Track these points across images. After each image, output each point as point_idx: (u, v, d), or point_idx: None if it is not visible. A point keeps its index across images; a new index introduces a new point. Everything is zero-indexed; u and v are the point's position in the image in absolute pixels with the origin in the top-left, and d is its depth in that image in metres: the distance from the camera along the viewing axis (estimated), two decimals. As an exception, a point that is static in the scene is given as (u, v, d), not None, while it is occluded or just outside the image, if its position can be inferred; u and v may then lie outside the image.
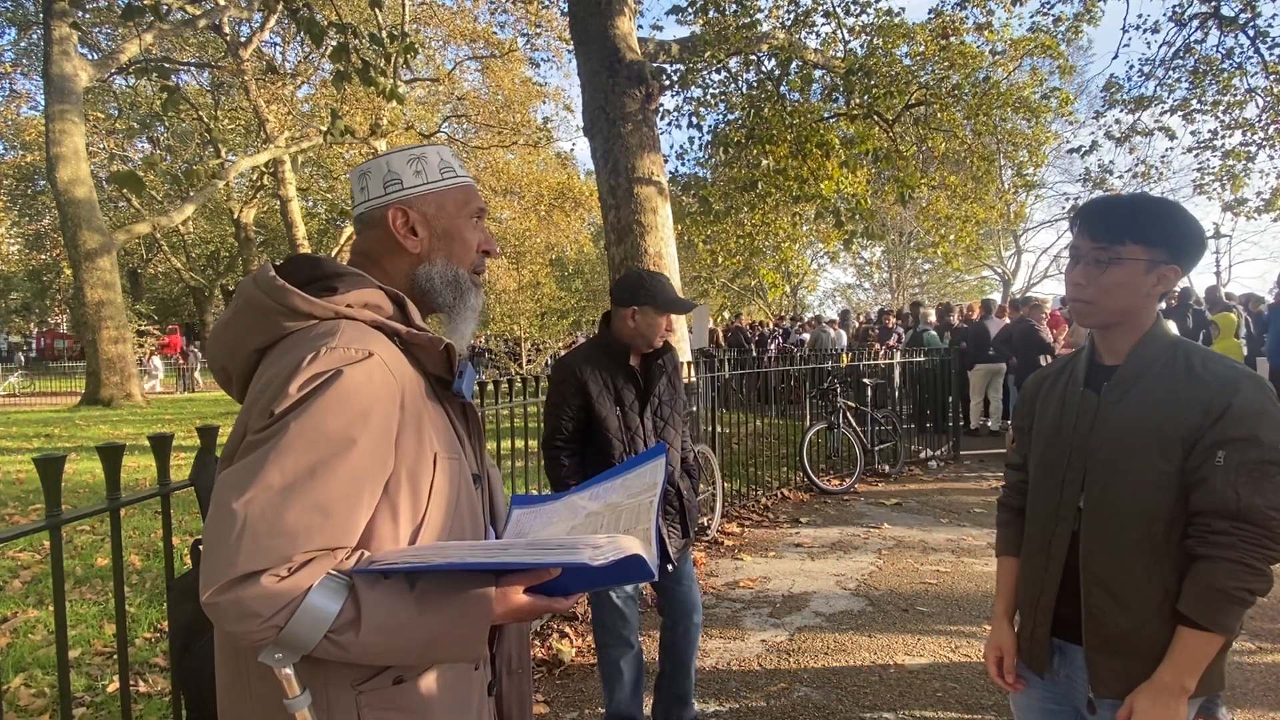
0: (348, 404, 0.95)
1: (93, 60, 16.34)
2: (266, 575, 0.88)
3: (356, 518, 0.95)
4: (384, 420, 0.98)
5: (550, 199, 22.21)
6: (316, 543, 0.91)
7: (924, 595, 4.31)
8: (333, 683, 0.99)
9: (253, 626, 0.88)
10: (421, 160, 1.17)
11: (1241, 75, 9.30)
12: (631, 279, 2.69)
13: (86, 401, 14.72)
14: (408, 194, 1.16)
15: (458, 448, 1.12)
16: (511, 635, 1.29)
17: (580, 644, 3.70)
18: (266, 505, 0.89)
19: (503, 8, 19.24)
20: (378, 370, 0.99)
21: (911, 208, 11.47)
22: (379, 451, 0.97)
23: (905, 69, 8.81)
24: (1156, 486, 1.35)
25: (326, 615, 0.89)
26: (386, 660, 0.97)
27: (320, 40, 4.59)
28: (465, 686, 1.12)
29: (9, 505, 5.95)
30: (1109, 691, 1.39)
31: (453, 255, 1.18)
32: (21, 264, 33.88)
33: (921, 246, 23.59)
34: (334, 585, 0.91)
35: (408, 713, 1.03)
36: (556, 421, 2.64)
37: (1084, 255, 1.41)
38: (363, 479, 0.95)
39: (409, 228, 1.16)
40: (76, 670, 3.21)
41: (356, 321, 1.03)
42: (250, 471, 0.91)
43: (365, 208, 1.18)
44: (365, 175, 1.18)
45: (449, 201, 1.18)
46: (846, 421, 7.50)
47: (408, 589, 0.94)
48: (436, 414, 1.09)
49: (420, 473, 1.03)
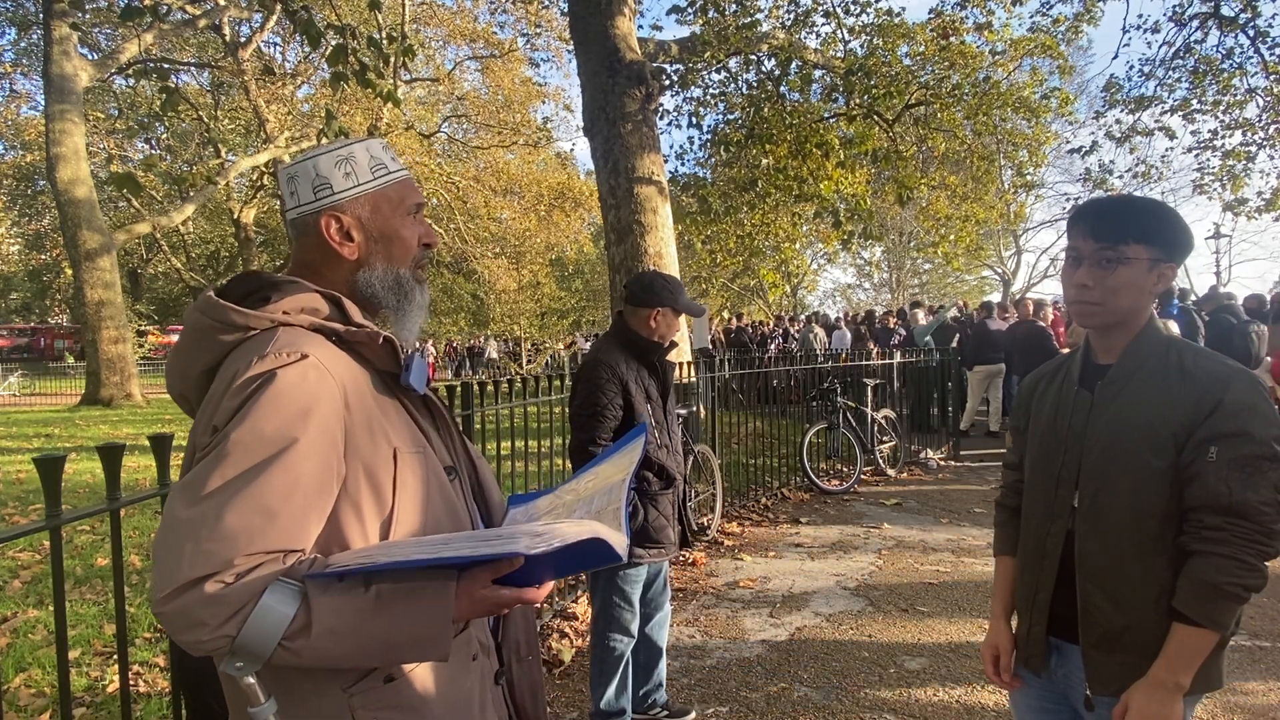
0: (282, 405, 0.94)
1: (93, 60, 16.36)
2: (210, 581, 0.86)
3: (304, 519, 0.94)
4: (324, 418, 0.97)
5: (550, 199, 22.21)
6: (259, 545, 0.89)
7: (924, 595, 4.31)
8: (324, 688, 0.99)
9: (202, 635, 0.87)
10: (350, 161, 1.13)
11: (1241, 75, 9.30)
12: (649, 280, 2.76)
13: (86, 401, 14.74)
14: (339, 198, 1.12)
15: (421, 441, 1.10)
16: (518, 623, 1.28)
17: (580, 644, 3.71)
18: (207, 511, 0.89)
19: (503, 8, 19.26)
20: (312, 370, 0.98)
21: (911, 208, 11.48)
22: (322, 449, 0.96)
23: (905, 69, 8.81)
24: (1150, 483, 1.35)
25: (280, 622, 0.87)
26: (344, 663, 0.95)
27: (318, 42, 4.59)
28: (464, 678, 1.11)
29: (9, 505, 5.95)
30: (1106, 689, 1.39)
31: (392, 257, 1.15)
32: (21, 264, 33.90)
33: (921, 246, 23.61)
34: (286, 590, 0.89)
35: (404, 711, 1.02)
36: (601, 422, 2.61)
37: (1087, 256, 1.41)
38: (306, 478, 0.94)
39: (344, 234, 1.13)
40: (76, 670, 3.21)
41: (293, 327, 1.03)
42: (193, 482, 0.91)
43: (296, 214, 1.14)
44: (293, 179, 1.13)
45: (384, 202, 1.15)
46: (846, 421, 7.50)
47: (362, 591, 0.92)
48: (393, 409, 1.08)
49: (379, 469, 1.02)
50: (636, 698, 2.98)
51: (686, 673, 3.41)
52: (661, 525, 2.73)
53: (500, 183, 22.13)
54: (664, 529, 2.75)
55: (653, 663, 2.99)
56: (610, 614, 2.76)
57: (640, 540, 2.69)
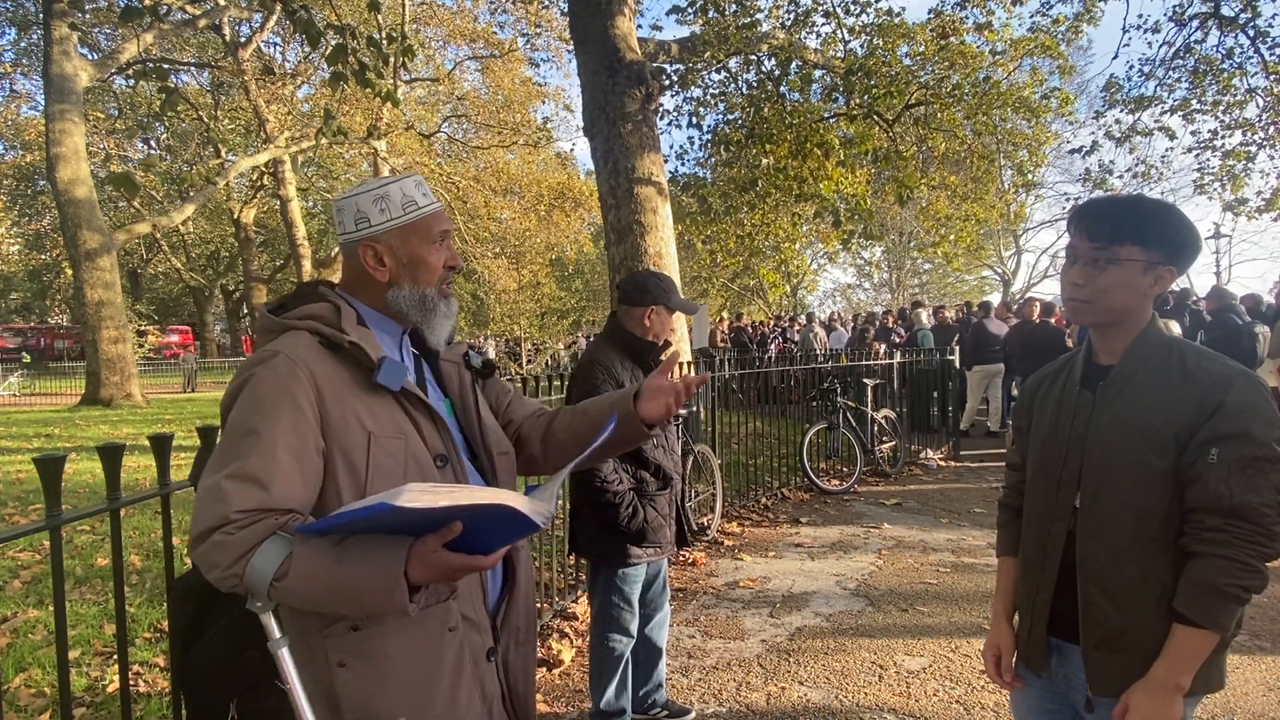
0: (256, 396, 1.20)
1: (93, 60, 16.35)
2: (218, 533, 1.12)
3: (285, 483, 1.15)
4: (294, 401, 1.19)
5: (550, 199, 22.20)
6: (249, 504, 1.12)
7: (924, 595, 4.31)
8: (308, 629, 1.22)
9: (218, 574, 1.13)
10: (385, 199, 1.34)
11: (1241, 75, 9.28)
12: (641, 279, 2.75)
13: (86, 401, 14.72)
14: (375, 231, 1.34)
15: (404, 429, 1.27)
16: (520, 607, 1.42)
17: (580, 644, 3.71)
18: (212, 482, 1.15)
19: (503, 8, 19.26)
20: (283, 364, 1.21)
21: (911, 208, 11.47)
22: (295, 425, 1.18)
23: (905, 69, 8.79)
24: (1151, 484, 1.35)
25: (270, 565, 1.10)
26: (318, 605, 1.16)
27: (318, 42, 4.59)
28: (435, 644, 1.25)
29: (9, 505, 5.95)
30: (1107, 689, 1.39)
31: (418, 279, 1.36)
32: (21, 264, 33.89)
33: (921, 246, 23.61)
34: (280, 541, 1.12)
35: (365, 659, 1.21)
36: None
37: (1081, 255, 1.41)
38: (280, 449, 1.16)
39: (378, 260, 1.35)
40: (76, 670, 3.21)
41: (296, 330, 1.28)
42: (210, 459, 1.20)
43: (343, 240, 1.37)
44: (341, 211, 1.36)
45: (412, 234, 1.35)
46: (846, 421, 7.50)
47: (332, 545, 1.11)
48: (380, 401, 1.26)
49: (353, 451, 1.22)
50: (636, 698, 2.98)
51: (686, 673, 3.41)
52: (659, 525, 2.72)
53: (500, 183, 22.11)
54: (661, 529, 2.74)
55: (652, 663, 2.99)
56: (609, 614, 2.75)
57: (637, 540, 2.68)
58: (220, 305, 39.77)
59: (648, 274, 2.79)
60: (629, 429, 1.45)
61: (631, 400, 1.47)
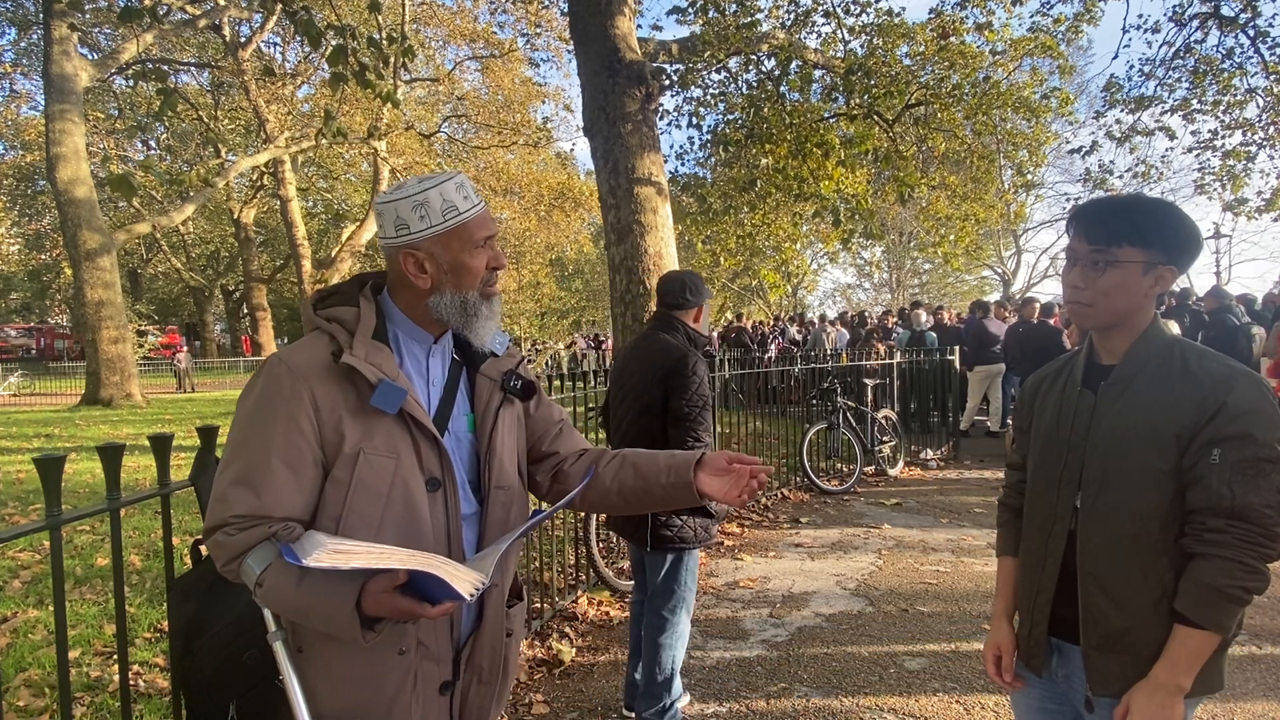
0: (253, 404, 1.24)
1: (93, 60, 16.35)
2: (220, 532, 1.20)
3: (277, 493, 1.19)
4: (289, 413, 1.21)
5: (550, 199, 22.22)
6: (240, 509, 1.18)
7: (924, 595, 4.31)
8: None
9: (221, 568, 1.23)
10: (425, 206, 1.29)
11: (1241, 75, 9.28)
12: (689, 281, 2.88)
13: (86, 401, 14.73)
14: (414, 238, 1.30)
15: (398, 449, 1.26)
16: (485, 647, 1.38)
17: (581, 644, 3.71)
18: (219, 483, 1.22)
19: (503, 8, 19.24)
20: (285, 375, 1.23)
21: (911, 208, 11.46)
22: (289, 436, 1.21)
23: (905, 69, 8.79)
24: (1152, 485, 1.35)
25: (255, 570, 1.18)
26: (284, 613, 1.24)
27: (318, 42, 4.59)
28: (380, 664, 1.26)
29: (9, 505, 5.95)
30: (1107, 690, 1.39)
31: (460, 284, 1.33)
32: (21, 264, 33.89)
33: (921, 246, 23.59)
34: (267, 549, 1.18)
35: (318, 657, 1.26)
36: (708, 413, 2.72)
37: (1081, 258, 1.41)
38: (275, 459, 1.19)
39: (419, 266, 1.31)
40: (76, 670, 3.21)
41: (318, 331, 1.30)
42: (221, 459, 1.25)
43: (384, 244, 1.35)
44: (381, 215, 1.33)
45: (454, 240, 1.31)
46: (846, 421, 7.50)
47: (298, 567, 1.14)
48: (376, 417, 1.25)
49: (340, 464, 1.23)
50: (632, 694, 2.98)
51: (686, 673, 3.40)
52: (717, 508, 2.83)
53: (500, 183, 22.12)
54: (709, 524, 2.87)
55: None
56: (684, 596, 2.84)
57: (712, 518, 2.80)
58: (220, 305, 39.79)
59: (687, 274, 2.91)
60: (680, 495, 1.42)
61: (692, 469, 1.41)
